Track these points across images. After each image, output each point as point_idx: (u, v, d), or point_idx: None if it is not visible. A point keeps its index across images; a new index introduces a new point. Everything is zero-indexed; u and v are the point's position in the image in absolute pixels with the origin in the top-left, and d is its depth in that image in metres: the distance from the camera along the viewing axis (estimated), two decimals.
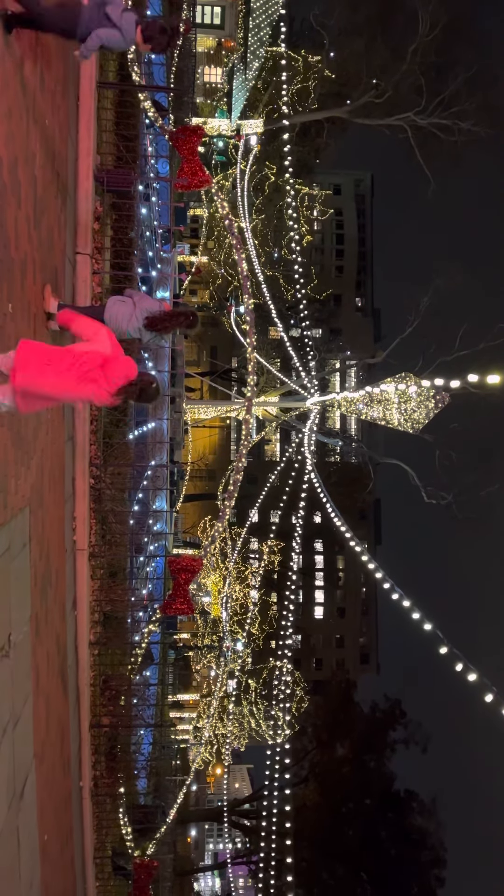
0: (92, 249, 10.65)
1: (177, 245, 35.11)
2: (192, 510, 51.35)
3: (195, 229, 51.16)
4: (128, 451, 16.04)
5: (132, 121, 14.20)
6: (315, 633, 63.88)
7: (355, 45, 33.72)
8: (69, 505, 10.39)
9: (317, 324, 49.16)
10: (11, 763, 6.71)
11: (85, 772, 11.43)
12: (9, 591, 6.60)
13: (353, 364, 44.15)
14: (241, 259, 13.86)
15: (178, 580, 12.83)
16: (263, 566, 34.56)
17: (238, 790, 62.91)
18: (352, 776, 35.41)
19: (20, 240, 6.70)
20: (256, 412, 33.78)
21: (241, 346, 39.83)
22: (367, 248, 71.67)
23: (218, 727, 33.25)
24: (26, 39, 6.66)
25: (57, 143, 8.59)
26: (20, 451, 7.02)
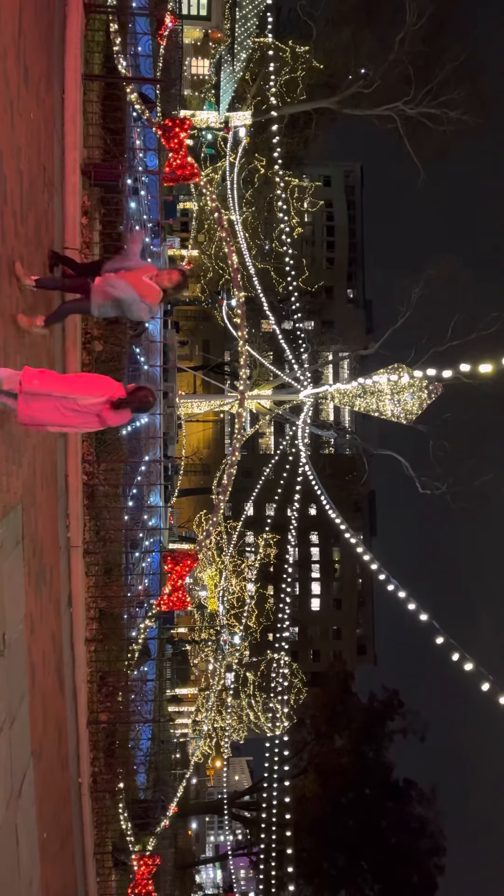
0: (80, 244, 10.58)
1: (167, 239, 34.98)
2: (187, 505, 51.33)
3: (185, 223, 50.96)
4: (121, 447, 15.97)
5: (119, 114, 14.08)
6: (312, 625, 64.07)
7: (342, 35, 33.61)
8: (62, 502, 10.35)
9: (309, 316, 49.09)
10: (9, 761, 6.69)
11: (83, 768, 11.42)
12: (2, 590, 6.56)
13: (346, 356, 44.12)
14: (232, 252, 13.78)
15: (173, 575, 12.80)
16: (259, 559, 34.59)
17: (238, 782, 63.15)
18: (351, 766, 35.57)
19: (7, 235, 6.63)
20: (250, 406, 33.74)
21: (234, 339, 39.73)
22: (357, 240, 71.53)
23: (217, 720, 33.33)
24: (9, 33, 6.59)
25: (42, 137, 8.51)
26: (11, 449, 6.97)
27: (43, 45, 8.57)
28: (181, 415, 35.58)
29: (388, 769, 37.01)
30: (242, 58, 28.96)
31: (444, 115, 32.26)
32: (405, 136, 33.50)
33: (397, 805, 35.72)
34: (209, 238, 40.56)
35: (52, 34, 9.35)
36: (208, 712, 30.60)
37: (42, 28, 8.51)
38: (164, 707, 29.97)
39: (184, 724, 39.93)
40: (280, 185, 23.25)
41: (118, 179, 12.82)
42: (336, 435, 44.21)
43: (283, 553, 30.82)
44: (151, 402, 6.06)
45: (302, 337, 28.81)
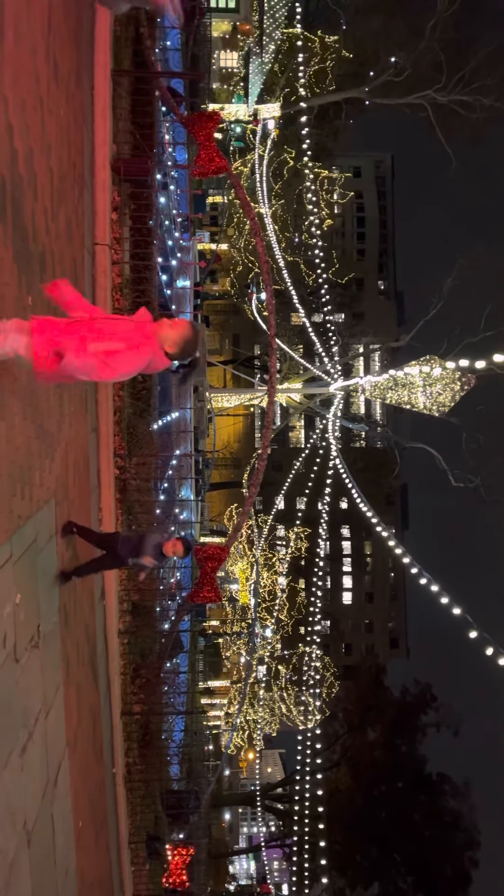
0: (111, 240, 10.63)
1: (196, 233, 35.01)
2: (217, 498, 51.51)
3: (215, 217, 50.94)
4: (152, 442, 16.08)
5: (148, 108, 14.10)
6: (344, 619, 63.89)
7: (372, 24, 33.20)
8: (95, 496, 10.45)
9: (339, 308, 48.75)
10: (44, 751, 6.79)
11: (118, 759, 11.56)
12: (37, 583, 6.64)
13: (377, 348, 43.77)
14: (261, 245, 13.74)
15: (204, 568, 12.87)
16: (290, 553, 34.58)
17: (270, 774, 63.39)
18: (384, 760, 35.48)
19: (38, 232, 6.69)
20: (280, 399, 33.68)
21: (264, 333, 39.66)
22: (388, 231, 70.80)
23: (249, 713, 33.49)
24: (38, 29, 6.62)
25: (72, 133, 8.56)
26: (44, 444, 7.05)
27: (72, 41, 8.61)
28: (211, 409, 35.67)
29: (421, 763, 36.84)
30: (271, 49, 28.79)
31: (476, 101, 31.73)
32: (436, 124, 33.03)
33: (430, 799, 35.54)
34: (238, 231, 40.51)
35: (81, 30, 9.38)
36: (240, 705, 30.75)
37: (71, 24, 8.54)
38: (196, 699, 30.17)
39: (216, 716, 40.17)
40: (309, 176, 23.11)
41: (148, 174, 12.86)
42: (367, 428, 43.94)
43: (314, 547, 30.76)
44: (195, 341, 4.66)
45: (332, 329, 28.65)
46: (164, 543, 8.06)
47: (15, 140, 5.80)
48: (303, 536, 34.87)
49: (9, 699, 5.60)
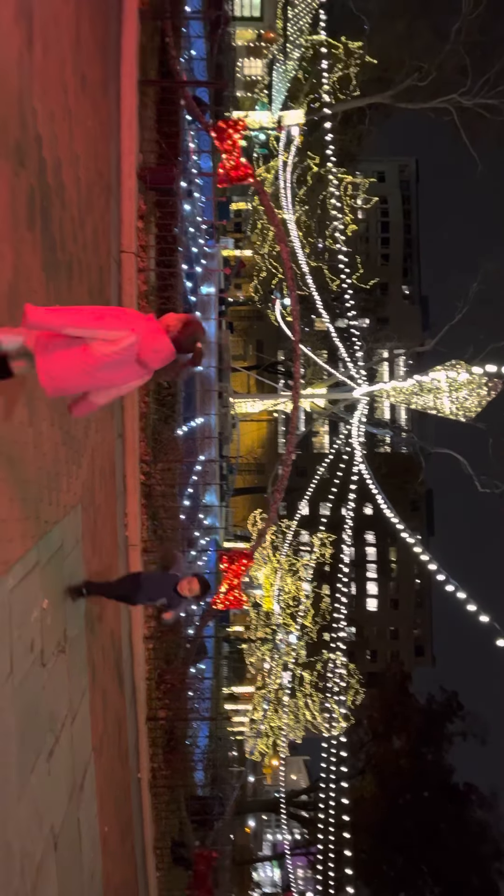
0: (137, 248, 10.73)
1: (220, 240, 35.17)
2: (241, 503, 51.51)
3: (238, 223, 51.10)
4: (177, 447, 16.15)
5: (173, 117, 14.23)
6: (369, 626, 63.41)
7: (396, 29, 33.13)
8: (120, 501, 10.52)
9: (363, 313, 48.59)
10: (71, 756, 6.84)
11: (143, 764, 11.59)
12: (63, 588, 6.71)
13: (402, 353, 43.53)
14: (285, 251, 13.77)
15: (228, 574, 12.88)
16: (315, 558, 34.43)
17: (295, 782, 63.03)
18: (409, 769, 35.10)
19: (66, 241, 6.77)
20: (304, 404, 33.63)
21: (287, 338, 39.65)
22: (413, 235, 70.47)
23: (273, 719, 33.36)
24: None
25: (99, 143, 8.66)
26: (71, 450, 7.12)
27: (99, 53, 8.72)
28: (235, 414, 35.71)
29: (447, 772, 36.39)
30: (295, 56, 28.87)
31: (502, 104, 31.49)
32: (462, 127, 32.83)
33: (457, 809, 35.08)
34: (262, 238, 40.59)
35: (107, 41, 9.51)
36: (265, 711, 30.64)
37: (98, 36, 8.66)
38: (220, 705, 30.16)
39: (240, 722, 40.08)
40: (333, 182, 23.09)
41: (173, 182, 12.96)
42: (392, 433, 43.68)
43: (338, 552, 30.61)
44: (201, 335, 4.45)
45: (356, 335, 28.56)
46: (178, 583, 7.46)
47: (43, 150, 5.89)
48: (327, 542, 34.71)
49: (36, 704, 5.65)
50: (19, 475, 5.26)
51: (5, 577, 4.86)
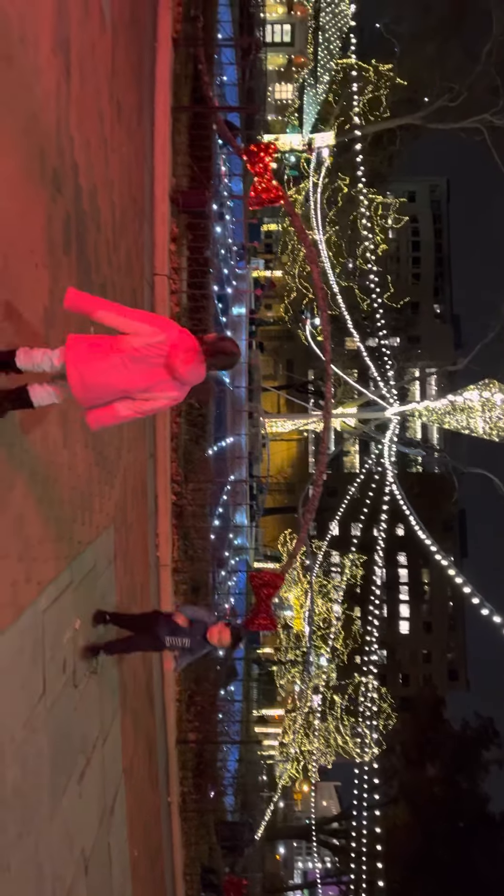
0: (169, 270, 10.85)
1: (251, 261, 35.45)
2: (271, 523, 51.32)
3: (269, 244, 51.51)
4: (208, 467, 16.18)
5: (206, 142, 14.43)
6: (401, 649, 62.41)
7: (427, 51, 33.34)
8: (152, 521, 10.54)
9: (394, 332, 48.49)
10: (102, 778, 6.80)
11: (173, 787, 11.48)
12: (96, 609, 6.71)
13: (433, 372, 43.23)
14: (316, 272, 13.80)
15: (260, 595, 12.77)
16: (346, 580, 34.10)
17: (326, 808, 61.97)
18: (443, 797, 34.23)
19: (100, 264, 6.87)
20: (335, 424, 33.51)
21: (317, 358, 39.68)
22: (444, 254, 70.30)
23: (304, 743, 32.91)
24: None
25: (133, 168, 8.81)
26: (104, 471, 7.16)
27: (134, 81, 8.90)
28: (265, 434, 35.74)
29: (483, 801, 35.38)
30: (325, 80, 29.19)
31: None
32: (493, 147, 32.78)
33: (493, 839, 34.04)
34: (293, 258, 40.83)
35: (142, 70, 9.70)
36: (295, 735, 30.25)
37: (133, 64, 8.84)
38: (250, 728, 29.85)
39: (270, 745, 39.60)
40: (364, 203, 23.18)
41: (205, 206, 13.11)
42: (424, 453, 43.26)
43: (369, 574, 30.27)
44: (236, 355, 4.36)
45: (387, 354, 28.45)
46: (209, 627, 6.81)
47: (80, 177, 6.00)
48: (358, 563, 34.37)
49: (68, 725, 5.63)
50: (54, 496, 5.30)
51: (38, 598, 4.87)
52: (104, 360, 4.03)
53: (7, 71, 4.25)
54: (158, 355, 4.08)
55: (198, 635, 6.76)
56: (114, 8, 7.50)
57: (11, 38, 4.35)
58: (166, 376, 4.14)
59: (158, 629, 6.82)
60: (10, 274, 4.31)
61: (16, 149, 4.41)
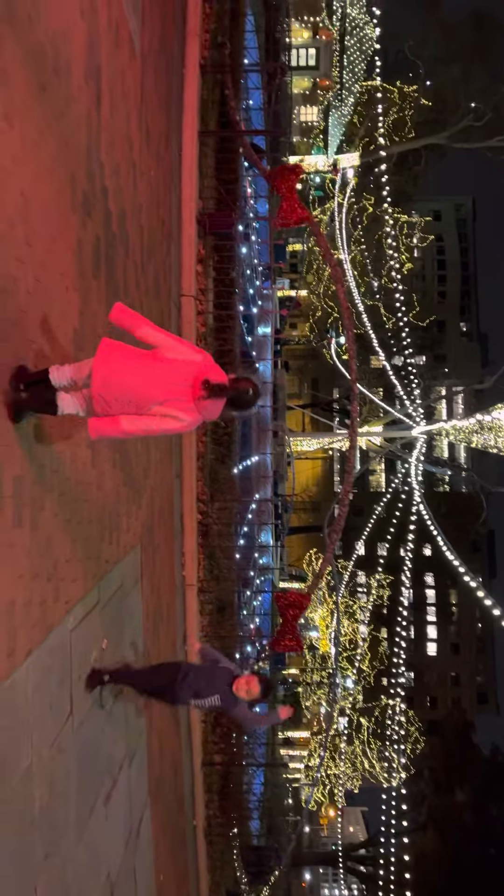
0: (196, 291, 10.95)
1: (277, 281, 35.68)
2: (296, 543, 51.08)
3: (294, 264, 51.81)
4: (233, 486, 16.18)
5: (232, 165, 14.60)
6: (428, 671, 61.43)
7: (452, 72, 33.53)
8: (178, 541, 10.55)
9: (420, 351, 48.34)
10: (128, 800, 6.76)
11: (198, 810, 11.37)
12: (122, 629, 6.72)
13: (460, 390, 42.91)
14: (342, 292, 13.83)
15: (286, 616, 12.67)
16: (372, 600, 33.73)
17: (352, 834, 60.84)
18: (474, 824, 33.39)
19: (129, 286, 6.96)
20: (360, 442, 33.36)
21: (342, 376, 39.64)
22: (470, 273, 70.11)
23: (330, 767, 32.42)
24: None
25: (161, 192, 8.94)
26: (131, 490, 7.20)
27: (162, 107, 9.06)
28: (290, 453, 35.70)
29: None
30: (350, 102, 29.46)
31: None
32: None
33: None
34: (318, 278, 41.00)
35: (170, 96, 9.88)
36: (321, 758, 29.83)
37: (161, 91, 9.01)
38: (276, 750, 29.51)
39: (296, 768, 39.09)
40: (389, 222, 23.26)
41: (231, 227, 13.24)
42: (451, 472, 42.85)
43: (396, 594, 29.91)
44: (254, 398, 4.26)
45: (413, 372, 28.34)
46: (235, 679, 5.83)
47: (109, 202, 6.11)
48: (385, 583, 34.01)
49: (95, 745, 5.62)
50: (82, 516, 5.34)
51: (66, 618, 4.89)
52: (131, 360, 4.05)
53: (41, 100, 4.36)
54: (188, 373, 4.08)
55: (224, 686, 5.80)
56: (143, 37, 7.67)
57: (46, 68, 4.46)
58: (187, 396, 4.10)
59: (179, 691, 5.78)
60: (42, 296, 4.39)
61: (48, 175, 4.51)
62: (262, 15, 22.07)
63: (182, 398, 4.09)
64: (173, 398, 4.07)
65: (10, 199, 3.88)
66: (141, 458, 7.73)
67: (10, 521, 3.89)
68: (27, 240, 4.13)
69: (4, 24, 3.82)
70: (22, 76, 4.06)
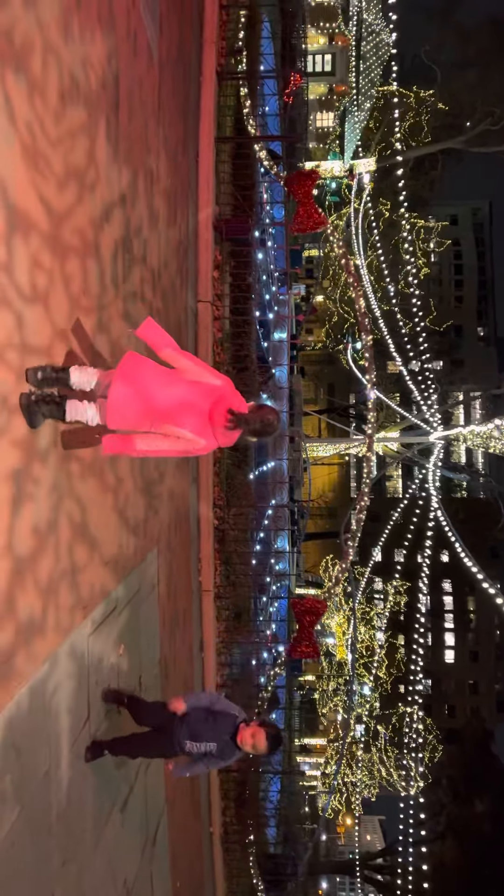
0: (212, 297, 10.96)
1: (293, 286, 35.69)
2: (313, 549, 50.93)
3: (310, 269, 51.83)
4: (249, 492, 16.15)
5: (248, 170, 14.64)
6: (446, 679, 60.90)
7: (468, 76, 33.46)
8: (194, 546, 10.54)
9: (437, 356, 48.07)
10: (144, 807, 6.74)
11: (215, 818, 11.32)
12: (139, 634, 6.71)
13: (478, 396, 42.62)
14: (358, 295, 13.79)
15: (302, 622, 12.61)
16: (389, 607, 33.52)
17: (370, 842, 60.34)
18: (494, 835, 32.98)
19: (145, 292, 6.98)
20: (377, 448, 33.22)
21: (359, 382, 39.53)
22: (487, 277, 69.78)
23: (347, 774, 32.20)
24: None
25: (178, 198, 8.97)
26: (148, 496, 7.21)
27: (180, 114, 9.10)
28: (307, 458, 35.62)
29: None
30: (366, 107, 29.46)
31: None
32: None
33: None
34: (334, 283, 40.97)
35: (187, 103, 9.92)
36: (338, 765, 29.64)
37: (179, 98, 9.05)
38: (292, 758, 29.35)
39: (313, 776, 38.86)
40: (405, 227, 23.19)
41: (247, 233, 13.26)
42: (469, 478, 42.52)
43: (413, 601, 29.69)
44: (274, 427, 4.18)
45: (430, 377, 28.18)
46: (240, 729, 5.01)
47: (127, 208, 6.13)
48: (402, 590, 33.78)
49: None
50: (100, 521, 5.34)
51: (84, 623, 4.89)
52: (153, 377, 4.03)
53: (61, 109, 4.39)
54: (208, 397, 4.06)
55: (226, 735, 5.02)
56: (161, 45, 7.71)
57: (64, 80, 4.49)
58: (205, 420, 4.08)
59: (177, 730, 5.14)
60: (59, 302, 4.41)
61: (68, 183, 4.54)
62: (278, 22, 22.14)
63: (200, 421, 4.08)
64: (190, 420, 4.05)
65: (31, 205, 3.90)
66: (157, 463, 7.73)
67: (29, 527, 3.90)
68: (45, 245, 4.15)
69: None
70: (43, 83, 4.09)
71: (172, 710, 5.21)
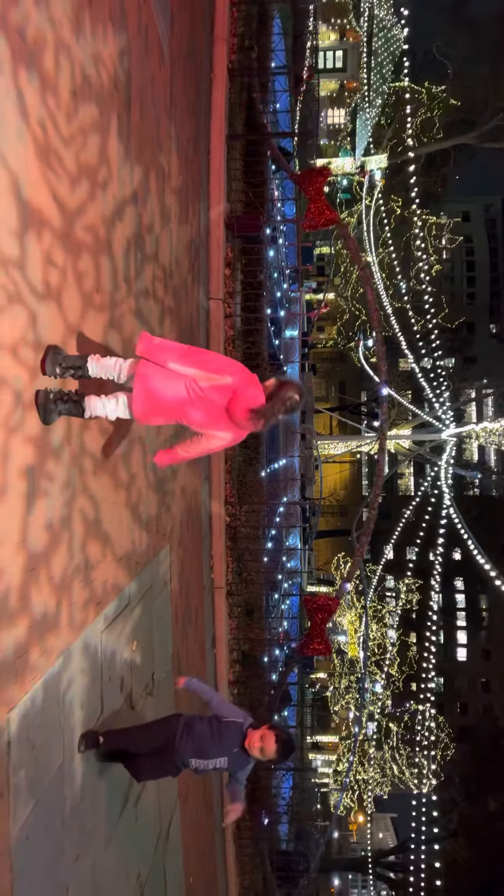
0: (224, 294, 10.97)
1: (304, 284, 35.63)
2: (324, 546, 50.89)
3: (321, 267, 51.72)
4: (261, 489, 16.15)
5: (259, 168, 14.62)
6: (458, 676, 60.68)
7: (480, 72, 33.25)
8: (206, 543, 10.56)
9: (449, 353, 47.82)
10: (157, 802, 6.77)
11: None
12: (151, 631, 6.74)
13: (490, 393, 42.39)
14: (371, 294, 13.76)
15: (314, 620, 12.63)
16: (401, 605, 33.44)
17: (382, 840, 60.27)
18: None
19: (157, 289, 7.00)
20: (388, 446, 33.12)
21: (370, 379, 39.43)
22: (499, 273, 69.33)
23: (359, 772, 32.18)
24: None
25: (190, 196, 8.98)
26: (160, 492, 7.23)
27: (191, 112, 9.11)
28: (318, 456, 35.57)
29: None
30: (378, 103, 29.34)
31: None
32: None
33: None
34: (345, 280, 40.86)
35: (199, 100, 9.92)
36: (350, 763, 29.63)
37: (190, 96, 9.06)
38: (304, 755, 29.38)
39: (325, 773, 38.86)
40: (417, 223, 23.09)
41: (259, 230, 13.25)
42: (481, 475, 42.33)
43: (425, 599, 29.60)
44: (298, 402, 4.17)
45: (442, 374, 28.06)
46: (247, 733, 4.67)
47: (139, 206, 6.14)
48: (414, 588, 33.69)
49: None
50: (113, 518, 5.36)
51: (97, 619, 4.92)
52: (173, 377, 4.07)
53: (74, 107, 4.40)
54: (222, 397, 4.10)
55: (233, 747, 4.68)
56: (172, 42, 7.71)
57: (76, 77, 4.51)
58: (223, 418, 4.13)
59: (179, 746, 4.73)
60: (72, 300, 4.43)
61: (80, 180, 4.55)
62: (289, 18, 22.08)
63: (218, 420, 4.15)
64: (210, 421, 4.14)
65: (44, 202, 3.92)
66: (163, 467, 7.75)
67: (42, 523, 3.92)
68: (58, 242, 4.17)
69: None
70: (55, 81, 4.11)
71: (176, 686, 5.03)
